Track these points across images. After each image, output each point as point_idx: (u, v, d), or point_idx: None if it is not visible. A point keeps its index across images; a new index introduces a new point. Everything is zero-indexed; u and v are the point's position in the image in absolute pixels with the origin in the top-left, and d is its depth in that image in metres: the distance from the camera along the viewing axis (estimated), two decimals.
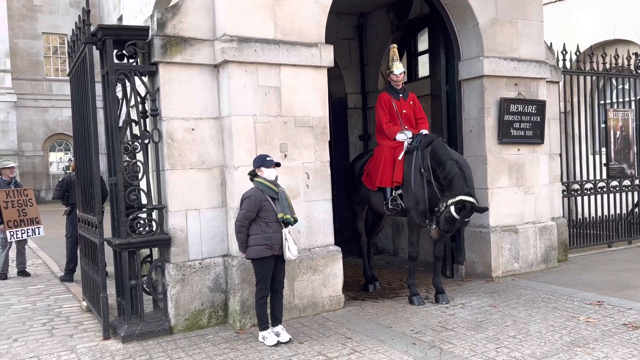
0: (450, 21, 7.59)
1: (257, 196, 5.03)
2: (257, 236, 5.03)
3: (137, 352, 5.08)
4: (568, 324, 5.40)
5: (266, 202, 5.05)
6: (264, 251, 5.02)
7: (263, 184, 5.10)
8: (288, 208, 5.15)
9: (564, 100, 9.45)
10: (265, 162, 5.15)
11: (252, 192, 5.09)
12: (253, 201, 5.01)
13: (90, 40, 5.57)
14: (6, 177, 9.26)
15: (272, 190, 5.09)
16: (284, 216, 5.06)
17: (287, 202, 5.18)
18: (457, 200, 5.85)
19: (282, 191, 5.19)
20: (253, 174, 5.20)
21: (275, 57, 5.88)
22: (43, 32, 31.16)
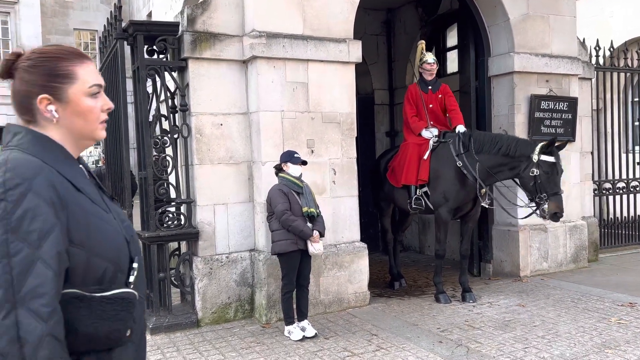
0: (481, 16, 7.49)
1: (283, 190, 5.07)
2: (282, 231, 5.05)
3: (165, 344, 5.15)
4: (599, 325, 5.29)
5: (292, 197, 5.09)
6: (290, 245, 5.04)
7: (287, 179, 5.13)
8: (312, 202, 5.18)
9: (597, 97, 9.25)
10: (292, 158, 5.17)
11: (278, 186, 5.13)
12: (282, 194, 5.04)
13: (121, 36, 5.65)
14: None
15: (297, 185, 5.13)
16: (308, 210, 5.08)
17: (312, 196, 5.22)
18: (542, 145, 5.81)
19: (307, 186, 5.23)
20: (279, 168, 5.23)
21: (303, 52, 5.89)
22: (74, 28, 31.74)
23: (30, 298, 1.25)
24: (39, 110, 1.44)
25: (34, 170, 1.33)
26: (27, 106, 1.45)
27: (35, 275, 1.26)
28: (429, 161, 6.43)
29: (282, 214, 5.00)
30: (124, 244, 1.48)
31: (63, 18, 31.55)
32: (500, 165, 6.08)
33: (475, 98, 7.68)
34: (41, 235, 1.28)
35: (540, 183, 5.81)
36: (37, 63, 1.45)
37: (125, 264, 1.47)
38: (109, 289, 1.41)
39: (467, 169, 6.15)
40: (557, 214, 5.87)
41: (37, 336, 1.24)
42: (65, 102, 1.45)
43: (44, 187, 1.32)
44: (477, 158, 6.09)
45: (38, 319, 1.25)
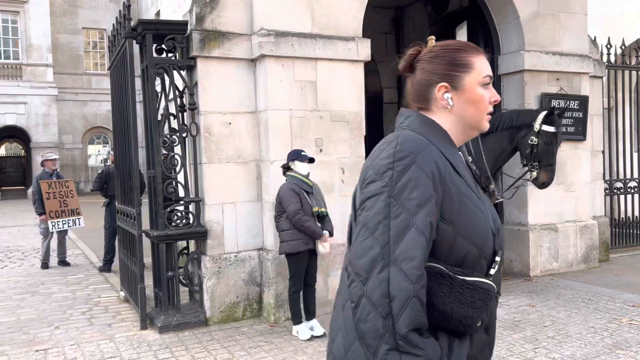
0: (490, 14, 7.44)
1: (294, 189, 5.03)
2: (292, 231, 5.01)
3: (174, 343, 5.15)
4: (610, 326, 5.24)
5: (302, 196, 5.05)
6: (301, 245, 5.01)
7: (297, 177, 5.09)
8: (322, 202, 5.17)
9: (608, 95, 9.16)
10: (299, 156, 5.12)
11: (288, 185, 5.08)
12: (294, 193, 4.99)
13: (130, 35, 5.65)
14: (49, 168, 9.50)
15: (307, 184, 5.10)
16: (319, 209, 5.07)
17: (321, 195, 5.23)
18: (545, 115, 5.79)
19: (316, 185, 5.21)
20: (286, 167, 5.18)
21: (311, 51, 5.87)
22: (83, 27, 31.91)
23: (402, 259, 1.35)
24: (435, 97, 1.56)
25: (420, 146, 1.45)
26: (424, 94, 1.58)
27: (409, 239, 1.36)
28: None
29: (294, 214, 4.95)
30: (490, 234, 1.52)
31: (72, 17, 31.69)
32: (501, 146, 6.05)
33: None
34: (419, 204, 1.38)
35: (537, 152, 5.81)
36: (439, 54, 1.58)
37: (489, 254, 1.51)
38: (470, 274, 1.45)
39: (476, 164, 6.12)
40: (544, 184, 5.91)
41: (405, 295, 1.33)
42: (460, 90, 1.55)
43: (427, 161, 1.42)
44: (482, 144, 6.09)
45: (407, 280, 1.34)
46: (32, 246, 11.72)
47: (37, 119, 28.41)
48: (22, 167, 37.86)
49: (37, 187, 9.15)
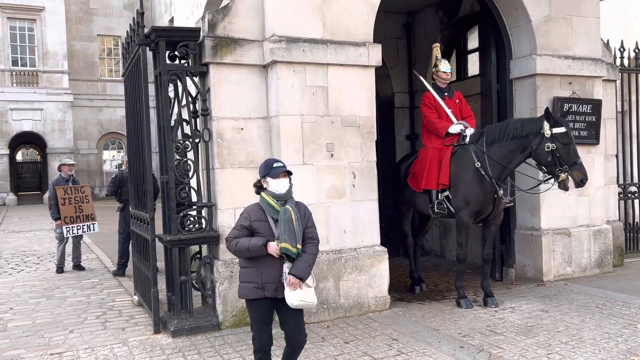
0: (502, 18, 7.43)
1: (252, 212, 3.82)
2: (246, 270, 3.83)
3: (186, 347, 5.19)
4: (624, 332, 5.20)
5: (262, 224, 3.77)
6: (252, 291, 3.77)
7: (264, 200, 3.83)
8: (289, 234, 3.70)
9: (621, 99, 9.09)
10: (271, 170, 3.85)
11: (251, 207, 3.90)
12: (245, 217, 3.83)
13: (144, 42, 5.72)
14: (65, 174, 9.63)
15: (274, 209, 3.79)
16: (280, 245, 3.69)
17: (291, 225, 3.71)
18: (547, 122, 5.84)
19: (287, 211, 3.75)
20: (259, 185, 3.95)
21: (323, 57, 5.90)
22: (98, 34, 32.30)
23: None
24: None
25: None
26: None
27: None
28: (449, 165, 6.41)
29: (229, 235, 3.83)
30: None
31: (87, 24, 32.08)
32: (512, 151, 6.10)
33: (496, 101, 7.61)
34: None
35: (560, 155, 5.82)
36: None
37: None
38: None
39: (484, 169, 6.14)
40: (582, 181, 5.87)
41: None
42: None
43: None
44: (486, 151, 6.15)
45: None
46: (48, 250, 11.86)
47: (53, 125, 28.77)
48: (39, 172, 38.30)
49: (53, 193, 9.28)
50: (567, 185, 5.90)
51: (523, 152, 6.07)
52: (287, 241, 3.68)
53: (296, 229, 3.72)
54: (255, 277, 3.76)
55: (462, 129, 6.53)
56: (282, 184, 3.84)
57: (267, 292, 3.75)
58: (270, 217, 3.78)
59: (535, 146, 5.93)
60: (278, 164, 3.91)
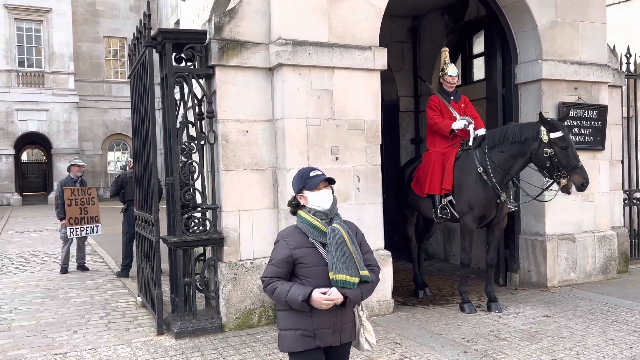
0: (508, 23, 7.43)
1: (289, 238, 2.98)
2: (289, 314, 2.96)
3: (190, 349, 5.19)
4: (629, 338, 5.17)
5: (306, 251, 2.94)
6: (299, 341, 2.93)
7: (305, 220, 3.01)
8: (345, 260, 2.89)
9: (627, 105, 9.07)
10: (307, 181, 3.03)
11: (286, 231, 3.08)
12: (281, 246, 2.98)
13: (150, 44, 5.75)
14: (74, 174, 9.68)
15: (319, 231, 2.97)
16: (335, 277, 2.87)
17: (345, 249, 2.91)
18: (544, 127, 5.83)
19: (336, 231, 2.94)
20: (295, 204, 3.12)
21: (328, 60, 5.91)
22: (104, 36, 32.46)
23: None
24: None
25: None
26: None
27: None
28: (453, 170, 6.40)
29: (266, 273, 3.00)
30: None
31: (93, 26, 32.23)
32: (512, 156, 6.10)
33: (502, 106, 7.60)
34: None
35: (558, 160, 5.80)
36: None
37: None
38: None
39: (487, 174, 6.13)
40: (583, 184, 5.84)
41: None
42: None
43: None
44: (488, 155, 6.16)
45: None
46: (52, 251, 11.90)
47: (58, 125, 28.89)
48: (43, 173, 38.46)
49: (60, 193, 9.34)
50: (569, 190, 5.89)
51: (523, 157, 6.06)
52: (342, 270, 2.87)
53: (354, 252, 2.93)
54: (304, 322, 2.91)
55: (466, 124, 6.52)
56: (324, 196, 3.01)
57: (321, 340, 2.93)
58: (315, 242, 2.96)
59: (534, 151, 5.93)
60: (315, 172, 3.07)
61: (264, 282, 3.01)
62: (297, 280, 2.94)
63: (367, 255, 3.07)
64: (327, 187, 3.04)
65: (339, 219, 3.05)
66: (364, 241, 3.12)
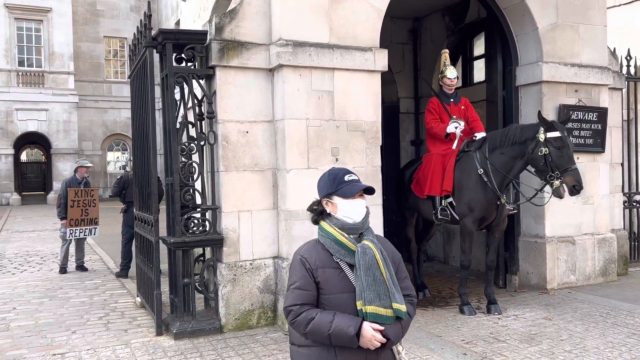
0: (509, 25, 7.43)
1: (310, 256, 2.44)
2: (308, 351, 2.44)
3: (189, 350, 5.18)
4: (628, 341, 5.17)
5: (329, 273, 2.41)
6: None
7: (328, 234, 2.46)
8: (377, 287, 2.34)
9: (627, 107, 9.07)
10: (342, 186, 2.48)
11: (306, 247, 2.52)
12: (301, 265, 2.44)
13: (151, 44, 5.74)
14: (80, 175, 9.69)
15: (346, 249, 2.42)
16: (365, 308, 2.32)
17: (378, 274, 2.36)
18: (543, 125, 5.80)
19: (367, 250, 2.38)
20: (319, 211, 2.54)
21: (329, 61, 5.91)
22: (104, 36, 32.44)
23: None
24: None
25: None
26: None
27: None
28: (453, 171, 6.41)
29: (290, 301, 2.41)
30: None
31: (94, 26, 32.23)
32: (512, 158, 6.08)
33: (502, 108, 7.60)
34: None
35: (552, 160, 5.76)
36: None
37: None
38: None
39: (487, 176, 6.14)
40: (575, 187, 5.79)
41: None
42: None
43: None
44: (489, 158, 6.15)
45: None
46: (51, 251, 11.88)
47: (57, 125, 28.87)
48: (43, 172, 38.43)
49: (64, 192, 9.35)
50: (561, 193, 5.85)
51: (522, 158, 6.05)
52: (374, 301, 2.31)
53: (388, 279, 2.37)
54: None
55: (457, 126, 6.55)
56: (358, 208, 2.46)
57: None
58: (341, 261, 2.41)
59: (530, 151, 5.92)
60: (352, 175, 2.52)
61: (292, 312, 2.37)
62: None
63: (404, 282, 2.50)
64: (362, 196, 2.49)
65: (371, 234, 2.48)
66: (401, 265, 2.55)
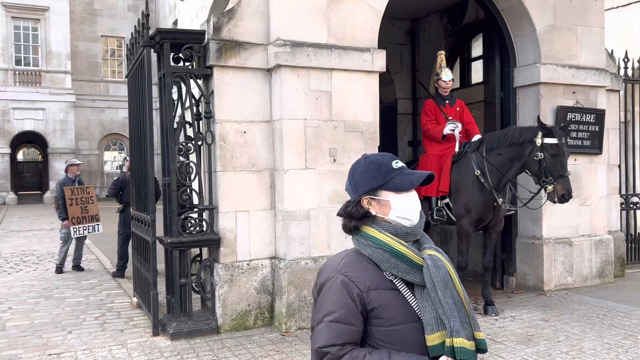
0: (507, 27, 7.43)
1: (356, 274, 1.83)
2: None
3: (185, 350, 5.17)
4: (625, 343, 5.17)
5: (387, 298, 1.81)
6: None
7: (385, 245, 1.84)
8: (460, 313, 1.82)
9: (625, 109, 9.09)
10: (393, 175, 1.92)
11: (345, 262, 1.89)
12: (345, 291, 1.80)
13: (148, 44, 5.73)
14: (72, 174, 9.65)
15: (410, 263, 1.82)
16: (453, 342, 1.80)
17: (455, 292, 1.83)
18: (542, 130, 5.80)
19: (438, 263, 1.83)
20: (360, 214, 1.96)
21: (327, 61, 5.90)
22: (102, 35, 32.35)
23: None
24: None
25: None
26: None
27: None
28: (450, 172, 6.41)
29: (324, 340, 1.79)
30: None
31: (91, 25, 32.14)
32: (509, 159, 6.10)
33: (500, 109, 7.61)
34: None
35: (546, 166, 5.80)
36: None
37: None
38: None
39: (484, 177, 6.15)
40: (564, 196, 5.82)
41: None
42: None
43: None
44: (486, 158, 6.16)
45: None
46: (48, 250, 11.84)
47: (54, 125, 28.78)
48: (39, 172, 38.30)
49: (60, 193, 9.29)
50: (554, 198, 5.88)
51: (519, 160, 6.06)
52: (460, 331, 1.78)
53: (465, 299, 1.86)
54: None
55: (453, 128, 6.56)
56: (415, 204, 1.89)
57: None
58: (396, 279, 1.80)
59: (527, 154, 5.94)
60: (399, 162, 1.92)
61: (329, 355, 1.75)
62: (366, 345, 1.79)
63: None
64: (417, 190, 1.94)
65: (430, 242, 1.92)
66: None
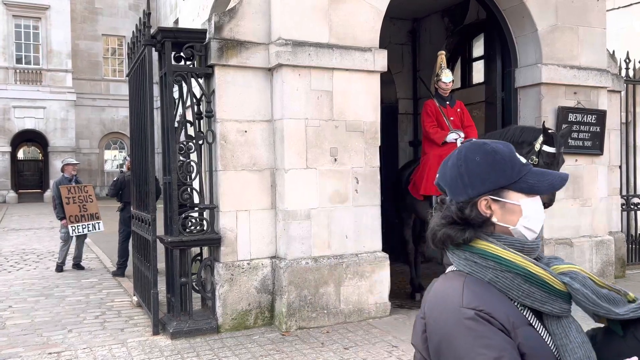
0: (508, 27, 7.42)
1: (495, 311, 1.27)
2: None
3: (185, 349, 5.16)
4: None
5: (529, 333, 1.30)
6: None
7: (514, 266, 1.31)
8: None
9: (626, 110, 9.08)
10: (525, 172, 1.40)
11: (475, 293, 1.30)
12: (492, 330, 1.24)
13: (150, 42, 5.72)
14: (68, 173, 9.62)
15: (550, 289, 1.35)
16: None
17: (618, 328, 1.40)
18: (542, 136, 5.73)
19: (586, 279, 1.44)
20: (480, 221, 1.38)
21: (328, 61, 5.89)
22: (103, 34, 32.36)
23: None
24: None
25: None
26: None
27: None
28: None
29: None
30: None
31: (92, 24, 32.16)
32: None
33: (501, 109, 7.60)
34: None
35: None
36: None
37: None
38: None
39: None
40: (545, 204, 5.78)
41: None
42: None
43: None
44: None
45: None
46: (48, 249, 11.84)
47: (55, 123, 28.78)
48: (40, 170, 38.32)
49: (57, 192, 9.27)
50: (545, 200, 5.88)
51: None
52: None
53: None
54: None
55: (456, 137, 6.53)
56: (542, 212, 1.47)
57: None
58: (525, 309, 1.36)
59: (524, 154, 5.90)
60: (521, 157, 1.49)
61: None
62: None
63: None
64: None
65: (546, 255, 1.52)
66: None
